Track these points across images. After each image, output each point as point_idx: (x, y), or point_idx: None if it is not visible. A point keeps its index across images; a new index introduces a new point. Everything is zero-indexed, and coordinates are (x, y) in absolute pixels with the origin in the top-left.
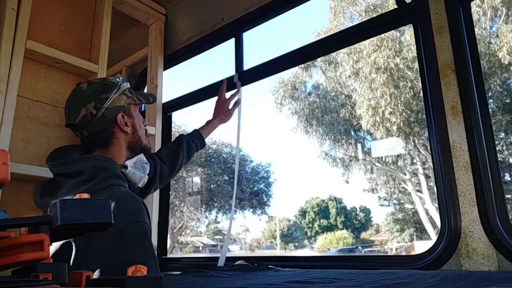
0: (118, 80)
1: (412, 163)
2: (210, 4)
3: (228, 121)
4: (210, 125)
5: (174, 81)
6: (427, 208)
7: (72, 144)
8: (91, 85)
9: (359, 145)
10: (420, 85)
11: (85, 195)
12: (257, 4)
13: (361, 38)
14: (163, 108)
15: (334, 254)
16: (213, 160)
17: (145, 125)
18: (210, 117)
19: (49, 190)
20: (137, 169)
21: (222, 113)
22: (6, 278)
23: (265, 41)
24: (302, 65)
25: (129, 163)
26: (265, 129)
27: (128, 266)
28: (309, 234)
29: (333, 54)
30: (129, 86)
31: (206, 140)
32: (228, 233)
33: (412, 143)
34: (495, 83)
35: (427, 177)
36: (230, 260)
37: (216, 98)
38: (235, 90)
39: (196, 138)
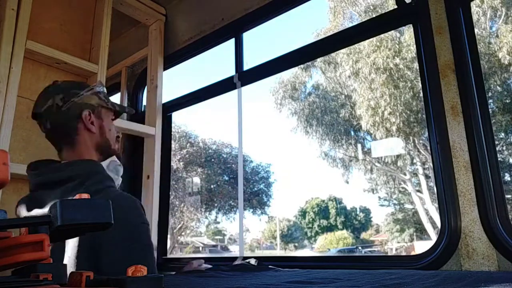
0: (96, 85)
1: (412, 163)
2: (210, 4)
3: None
4: None
5: (174, 81)
6: (427, 208)
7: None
8: (66, 81)
9: (359, 145)
10: (420, 85)
11: (85, 195)
12: (257, 4)
13: (361, 38)
14: (163, 108)
15: (334, 254)
16: (213, 160)
17: (118, 136)
18: (210, 117)
19: (36, 202)
20: (110, 171)
21: None
22: (6, 278)
23: (265, 41)
24: (302, 66)
25: (102, 164)
26: (265, 129)
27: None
28: (309, 234)
29: (333, 54)
30: (105, 92)
31: (207, 140)
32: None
33: (412, 143)
34: (495, 83)
35: (427, 177)
36: (232, 260)
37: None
38: None
39: None
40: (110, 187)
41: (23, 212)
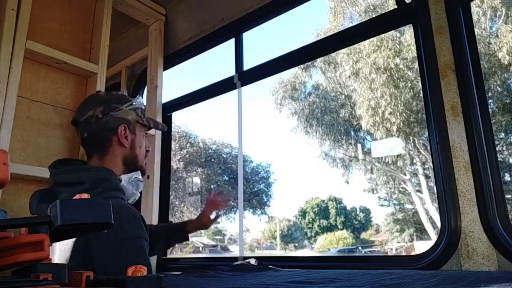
0: (135, 99)
1: (412, 163)
2: (210, 4)
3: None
4: (190, 227)
5: (174, 81)
6: (427, 208)
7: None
8: (108, 94)
9: (359, 145)
10: (420, 85)
11: (85, 195)
12: (257, 4)
13: (361, 38)
14: (163, 108)
15: (334, 254)
16: (213, 160)
17: (147, 150)
18: (209, 117)
19: (47, 198)
20: (131, 185)
21: (202, 224)
22: (6, 278)
23: (265, 41)
24: (302, 66)
25: (124, 177)
26: (265, 129)
27: None
28: (309, 234)
29: (333, 54)
30: (143, 108)
31: (207, 140)
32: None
33: (412, 143)
34: (495, 83)
35: (427, 177)
36: (232, 260)
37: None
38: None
39: (179, 235)
40: (115, 197)
41: (34, 202)
